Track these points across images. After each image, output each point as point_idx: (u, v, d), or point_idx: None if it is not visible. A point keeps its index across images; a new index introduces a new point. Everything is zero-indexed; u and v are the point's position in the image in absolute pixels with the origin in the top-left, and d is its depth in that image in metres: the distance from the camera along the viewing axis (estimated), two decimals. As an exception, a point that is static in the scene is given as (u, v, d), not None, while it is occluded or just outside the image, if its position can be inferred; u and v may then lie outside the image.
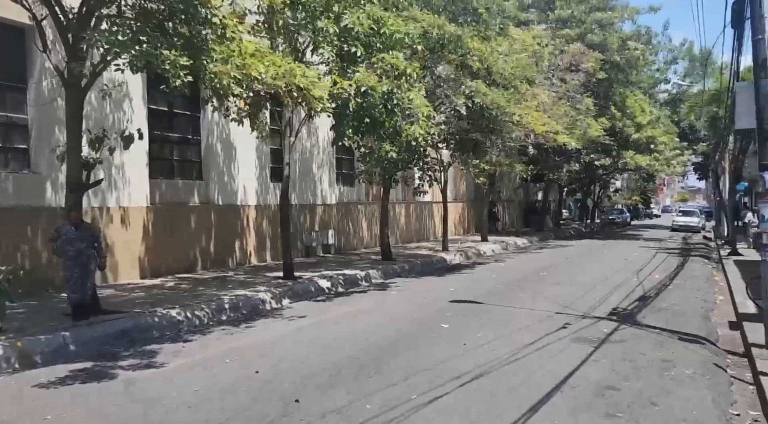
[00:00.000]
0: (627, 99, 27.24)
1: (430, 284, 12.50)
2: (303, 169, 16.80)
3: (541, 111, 18.31)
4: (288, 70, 7.57)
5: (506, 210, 34.03)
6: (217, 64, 6.87)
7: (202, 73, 6.64)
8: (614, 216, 44.57)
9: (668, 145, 27.97)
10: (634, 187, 58.68)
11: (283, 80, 7.58)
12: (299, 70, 7.84)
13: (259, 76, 7.41)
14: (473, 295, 10.68)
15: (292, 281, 11.51)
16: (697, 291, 11.68)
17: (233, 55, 7.18)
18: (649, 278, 13.29)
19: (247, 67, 7.11)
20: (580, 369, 6.02)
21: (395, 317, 8.71)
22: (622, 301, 10.19)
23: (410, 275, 14.25)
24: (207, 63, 6.68)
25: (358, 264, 14.86)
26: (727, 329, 8.39)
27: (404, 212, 22.87)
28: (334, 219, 18.27)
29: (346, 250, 18.63)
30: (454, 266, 16.55)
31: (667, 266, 15.93)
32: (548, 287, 11.91)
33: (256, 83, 7.49)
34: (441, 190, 19.70)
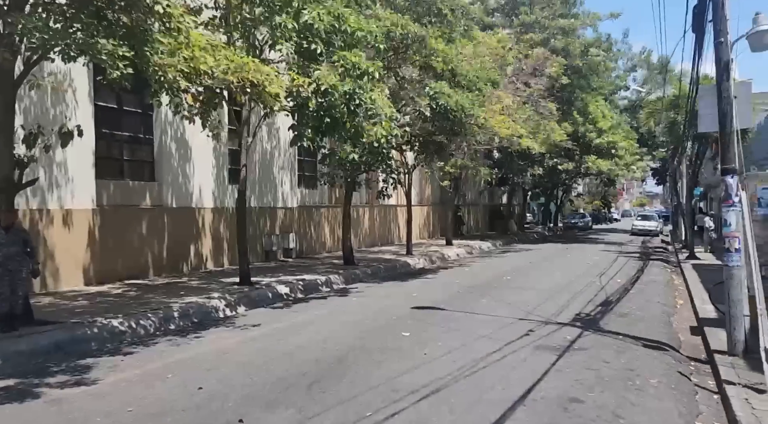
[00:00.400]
0: (589, 104, 27.62)
1: (392, 290, 12.18)
2: (263, 172, 16.29)
3: (505, 114, 18.27)
4: (240, 65, 7.14)
5: (471, 214, 34.09)
6: (163, 57, 6.40)
7: (145, 65, 6.15)
8: (576, 220, 45.26)
9: (628, 151, 28.48)
10: (596, 191, 59.95)
11: (235, 75, 7.14)
12: (252, 64, 7.42)
13: (209, 70, 6.96)
14: (435, 301, 10.40)
15: (248, 287, 11.02)
16: (658, 296, 11.70)
17: (181, 48, 6.71)
18: (611, 283, 13.29)
19: (195, 61, 6.65)
20: (543, 380, 5.78)
21: (354, 325, 8.34)
22: (585, 306, 10.08)
23: (373, 280, 13.90)
24: (151, 55, 6.20)
25: (319, 269, 14.44)
26: (688, 335, 8.33)
27: (368, 215, 22.54)
28: (296, 223, 17.79)
29: (308, 254, 18.16)
30: (418, 270, 16.29)
31: (628, 270, 16.03)
32: (512, 292, 11.74)
33: (205, 78, 7.03)
34: (405, 193, 19.47)
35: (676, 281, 14.48)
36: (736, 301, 6.67)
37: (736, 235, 6.64)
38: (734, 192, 6.66)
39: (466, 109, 13.64)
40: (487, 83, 15.48)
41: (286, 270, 14.01)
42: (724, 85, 6.66)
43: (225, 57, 7.40)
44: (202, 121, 8.95)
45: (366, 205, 22.48)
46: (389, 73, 14.42)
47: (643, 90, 27.18)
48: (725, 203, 6.77)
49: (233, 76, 7.10)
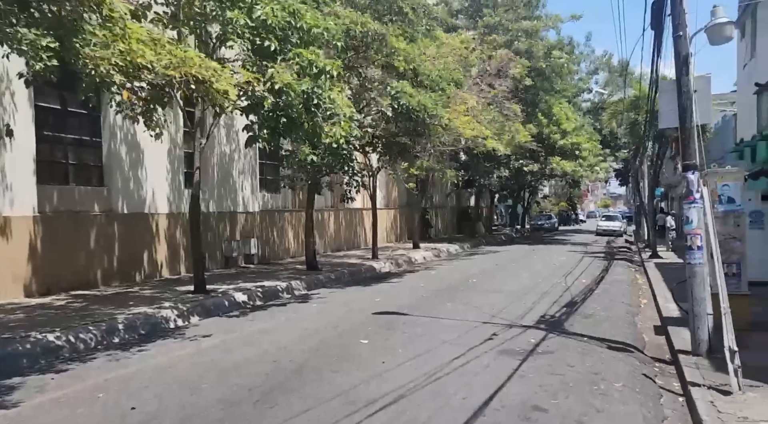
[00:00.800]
0: (553, 106, 27.84)
1: (356, 295, 11.82)
2: (222, 175, 15.74)
3: (470, 116, 18.14)
4: (183, 59, 6.70)
5: (439, 216, 33.97)
6: (95, 49, 5.92)
7: (73, 57, 5.67)
8: (543, 222, 45.72)
9: (591, 152, 28.82)
10: (561, 193, 60.79)
11: (178, 70, 6.70)
12: (198, 59, 6.99)
13: (149, 64, 6.50)
14: (399, 306, 10.09)
15: (203, 296, 10.51)
16: (622, 295, 11.64)
17: (116, 40, 6.25)
18: (577, 283, 13.21)
19: (132, 54, 6.19)
20: (506, 386, 5.51)
21: (311, 333, 7.95)
22: (550, 308, 9.91)
23: (336, 286, 13.51)
24: (81, 46, 5.72)
25: (281, 275, 13.98)
26: (652, 334, 8.22)
27: (333, 219, 22.13)
28: (258, 228, 17.26)
29: (271, 260, 17.65)
30: (383, 274, 15.96)
31: (593, 270, 16.04)
32: (477, 295, 11.51)
33: (145, 73, 6.57)
34: (370, 196, 19.15)
35: (639, 280, 14.52)
36: (700, 299, 6.54)
37: (698, 232, 6.51)
38: (695, 188, 6.54)
39: (429, 110, 13.41)
40: (450, 83, 15.30)
41: (246, 277, 13.51)
42: (684, 79, 6.54)
43: (169, 52, 6.96)
44: (146, 120, 8.44)
45: (331, 208, 22.08)
46: (351, 72, 14.12)
47: (605, 92, 27.55)
48: (687, 200, 6.65)
49: (176, 72, 6.66)
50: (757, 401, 4.90)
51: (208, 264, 15.03)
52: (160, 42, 7.11)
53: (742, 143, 15.19)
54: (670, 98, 6.85)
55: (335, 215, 22.26)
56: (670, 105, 6.77)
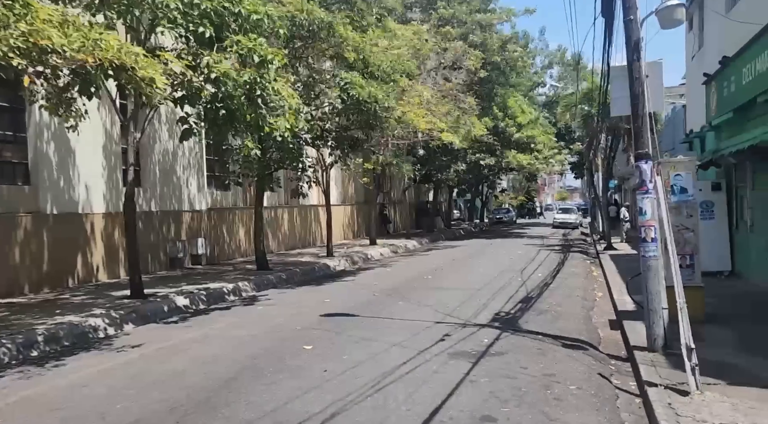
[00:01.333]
0: (508, 100, 27.82)
1: (306, 295, 11.29)
2: (165, 172, 14.90)
3: (424, 108, 17.78)
4: (95, 42, 6.02)
5: (398, 212, 33.66)
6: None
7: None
8: (501, 215, 46.06)
9: (547, 145, 29.01)
10: (519, 187, 61.48)
11: (92, 55, 6.01)
12: (115, 42, 6.31)
13: (58, 47, 5.80)
14: (349, 306, 9.62)
15: (140, 301, 9.79)
16: (578, 289, 11.49)
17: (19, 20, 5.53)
18: (533, 277, 13.04)
19: (35, 35, 5.49)
20: (455, 395, 5.12)
21: (251, 340, 7.40)
22: (505, 304, 9.63)
23: (286, 286, 12.94)
24: (-30, 25, 5.01)
25: (228, 276, 13.30)
26: (608, 329, 8.01)
27: (287, 216, 21.45)
28: (205, 227, 16.48)
29: (221, 260, 16.90)
30: (337, 273, 15.46)
31: (549, 264, 15.96)
32: (431, 292, 11.15)
33: (54, 57, 5.87)
34: (324, 192, 18.60)
35: (594, 272, 14.48)
36: (654, 293, 6.31)
37: (652, 223, 6.28)
38: (649, 178, 6.30)
39: (381, 101, 12.95)
40: (403, 74, 14.89)
41: (191, 279, 12.78)
42: (635, 64, 6.28)
43: (83, 35, 6.25)
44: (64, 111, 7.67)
45: (285, 205, 21.41)
46: (299, 63, 13.53)
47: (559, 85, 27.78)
48: (640, 190, 6.40)
49: (89, 56, 5.97)
50: (716, 401, 4.66)
51: (151, 266, 14.22)
52: (74, 24, 6.40)
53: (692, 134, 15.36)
54: (621, 85, 6.59)
55: (289, 212, 21.60)
56: (622, 91, 6.51)
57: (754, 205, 10.93)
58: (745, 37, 9.63)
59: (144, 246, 13.86)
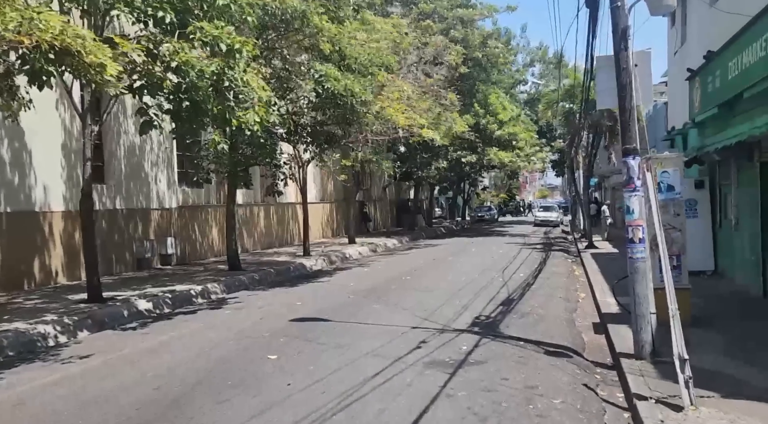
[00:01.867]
0: (489, 96, 27.50)
1: (278, 297, 10.76)
2: (132, 168, 14.21)
3: (404, 104, 17.29)
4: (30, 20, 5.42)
5: (379, 210, 33.19)
6: None
7: None
8: (483, 213, 45.86)
9: (528, 142, 28.76)
10: (501, 184, 61.48)
11: (30, 37, 5.42)
12: (58, 23, 5.71)
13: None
14: (323, 309, 9.13)
15: (98, 305, 9.17)
16: (560, 289, 11.14)
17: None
18: (514, 277, 12.67)
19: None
20: (430, 411, 4.67)
21: (213, 348, 6.87)
22: (485, 307, 9.21)
23: (259, 287, 12.39)
24: None
25: (198, 277, 12.70)
26: (592, 334, 7.64)
27: (263, 214, 20.84)
28: (176, 225, 15.82)
29: (192, 260, 16.25)
30: (313, 273, 14.93)
31: (531, 263, 15.63)
32: (410, 294, 10.70)
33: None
34: (300, 189, 18.05)
35: (576, 271, 14.18)
36: (642, 297, 5.94)
37: (639, 223, 5.89)
38: (636, 175, 5.91)
39: (357, 95, 12.45)
40: (381, 68, 14.39)
41: (157, 280, 12.16)
42: (623, 54, 5.89)
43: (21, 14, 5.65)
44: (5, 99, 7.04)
45: (261, 203, 20.79)
46: (273, 55, 12.95)
47: (541, 82, 27.54)
48: (627, 188, 6.01)
49: (26, 38, 5.38)
50: (712, 418, 4.27)
51: (116, 267, 13.55)
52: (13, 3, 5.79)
53: (674, 131, 15.11)
54: (608, 76, 6.19)
55: (266, 210, 20.99)
56: (609, 83, 6.12)
57: (738, 203, 10.68)
58: (731, 29, 9.32)
59: (108, 246, 13.22)
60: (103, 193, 13.30)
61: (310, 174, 24.76)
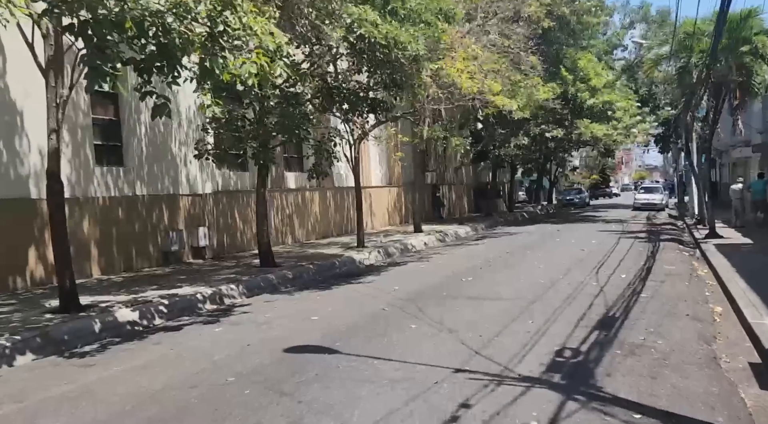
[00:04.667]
0: (579, 60, 23.60)
1: (296, 307, 8.41)
2: (155, 148, 12.44)
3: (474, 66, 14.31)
4: None
5: (453, 194, 30.26)
6: None
7: None
8: (572, 197, 41.44)
9: (628, 111, 24.50)
10: (593, 164, 56.04)
11: None
12: None
13: None
14: (338, 329, 6.65)
15: (65, 317, 7.27)
16: (683, 301, 7.92)
17: None
18: (613, 280, 9.51)
19: None
20: None
21: (135, 407, 4.57)
22: (572, 332, 6.29)
23: (287, 289, 10.16)
24: None
25: (220, 275, 10.69)
26: (755, 387, 4.60)
27: (318, 199, 18.71)
28: (210, 214, 13.97)
29: (231, 252, 14.38)
30: (361, 270, 12.52)
31: (634, 259, 12.26)
32: (464, 305, 7.92)
33: None
34: (352, 170, 15.66)
35: (700, 271, 10.71)
36: None
37: None
38: None
39: (402, 46, 9.74)
40: (440, 17, 11.55)
41: (170, 279, 10.26)
42: None
43: None
44: None
45: (316, 188, 18.64)
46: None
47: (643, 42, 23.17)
48: None
49: None
50: None
51: (137, 262, 11.86)
52: None
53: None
54: None
55: (321, 195, 18.85)
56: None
57: None
58: None
59: (126, 238, 11.55)
60: (119, 176, 11.61)
61: (373, 154, 22.39)
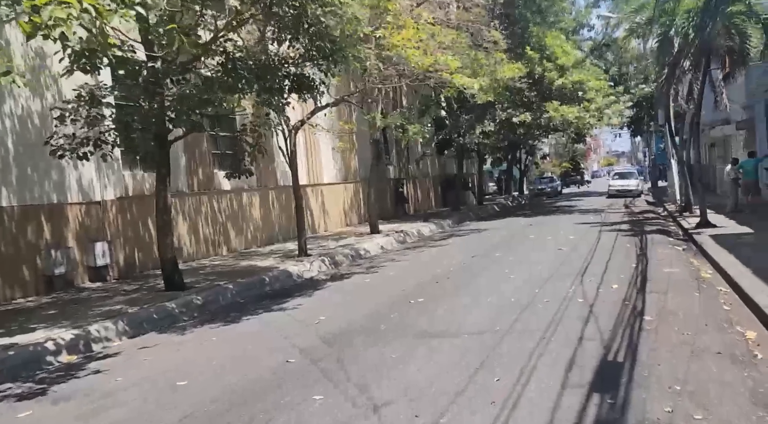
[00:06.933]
0: (546, 38, 21.58)
1: (175, 358, 6.05)
2: (28, 146, 9.87)
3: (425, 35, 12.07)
4: None
5: (418, 188, 28.07)
6: None
7: None
8: (544, 186, 39.75)
9: (600, 91, 22.63)
10: (563, 152, 54.61)
11: None
12: None
13: None
14: (203, 410, 4.35)
15: None
16: (701, 323, 5.82)
17: None
18: (603, 295, 7.39)
19: None
20: None
21: None
22: (558, 401, 4.08)
23: (187, 321, 7.82)
24: None
25: (107, 306, 8.27)
26: None
27: (260, 202, 16.29)
28: (114, 225, 11.48)
29: (143, 271, 11.89)
30: (295, 286, 10.21)
31: (622, 259, 10.23)
32: (405, 351, 5.58)
33: None
34: (289, 165, 13.33)
35: (704, 272, 8.70)
36: None
37: None
38: None
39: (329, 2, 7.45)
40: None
41: (31, 316, 7.81)
42: None
43: None
44: None
45: (258, 188, 16.26)
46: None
47: (612, 15, 21.40)
48: None
49: None
50: None
51: (5, 292, 9.33)
52: None
53: None
54: None
55: (263, 196, 16.43)
56: None
57: None
58: None
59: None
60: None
61: (325, 148, 20.04)
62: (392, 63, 11.68)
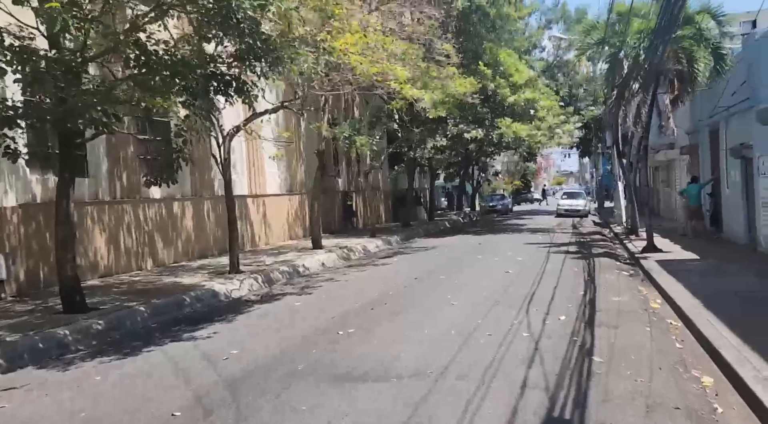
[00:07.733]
0: (499, 54, 21.39)
1: (33, 412, 5.02)
2: None
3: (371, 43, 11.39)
4: None
5: (368, 202, 27.32)
6: None
7: None
8: (495, 203, 39.76)
9: (551, 111, 22.60)
10: (514, 170, 55.16)
11: None
12: None
13: None
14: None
15: None
16: (655, 367, 5.24)
17: None
18: (550, 326, 6.78)
19: None
20: None
21: None
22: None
23: (79, 352, 6.72)
24: None
25: (-18, 332, 7.05)
26: None
27: (192, 212, 15.12)
28: (15, 235, 10.16)
29: (49, 287, 10.56)
30: (218, 309, 9.18)
31: (570, 284, 9.74)
32: (318, 404, 4.74)
33: None
34: (222, 174, 12.32)
35: (653, 302, 8.26)
36: None
37: None
38: None
39: None
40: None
41: None
42: None
43: None
44: None
45: (191, 197, 15.11)
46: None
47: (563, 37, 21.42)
48: None
49: None
50: None
51: None
52: None
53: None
54: None
55: (196, 206, 15.28)
56: None
57: None
58: None
59: None
60: None
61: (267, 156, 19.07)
62: (338, 70, 10.94)
